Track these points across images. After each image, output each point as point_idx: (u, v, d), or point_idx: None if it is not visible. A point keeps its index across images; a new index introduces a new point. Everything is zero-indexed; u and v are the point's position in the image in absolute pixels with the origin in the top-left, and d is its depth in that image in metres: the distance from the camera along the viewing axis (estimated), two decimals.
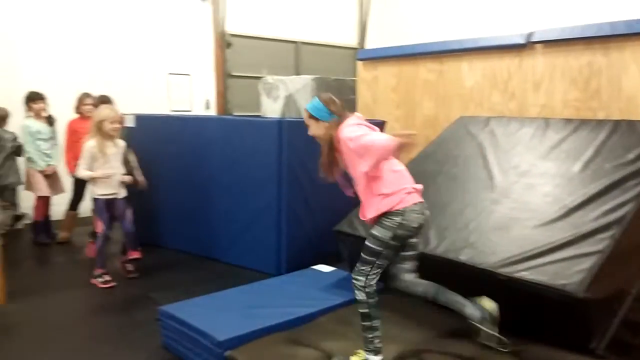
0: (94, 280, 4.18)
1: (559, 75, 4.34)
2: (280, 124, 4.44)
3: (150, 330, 3.22)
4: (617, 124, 3.54)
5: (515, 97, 4.65)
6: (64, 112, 5.29)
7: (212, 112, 7.44)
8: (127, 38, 6.67)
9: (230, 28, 7.50)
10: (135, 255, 4.40)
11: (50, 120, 5.34)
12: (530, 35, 4.50)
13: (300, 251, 4.46)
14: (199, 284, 3.99)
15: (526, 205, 3.17)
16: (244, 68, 7.64)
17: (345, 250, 3.78)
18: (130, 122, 5.21)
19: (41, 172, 5.18)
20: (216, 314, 3.00)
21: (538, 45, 4.47)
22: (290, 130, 4.41)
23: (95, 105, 4.93)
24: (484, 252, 2.92)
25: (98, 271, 4.18)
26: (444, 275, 2.70)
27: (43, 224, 5.35)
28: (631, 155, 3.17)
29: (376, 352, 2.52)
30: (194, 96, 7.29)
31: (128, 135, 4.65)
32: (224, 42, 7.41)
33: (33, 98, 5.20)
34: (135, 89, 4.99)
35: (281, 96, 6.31)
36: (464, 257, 2.97)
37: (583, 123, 3.75)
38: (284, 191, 4.42)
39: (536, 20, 6.31)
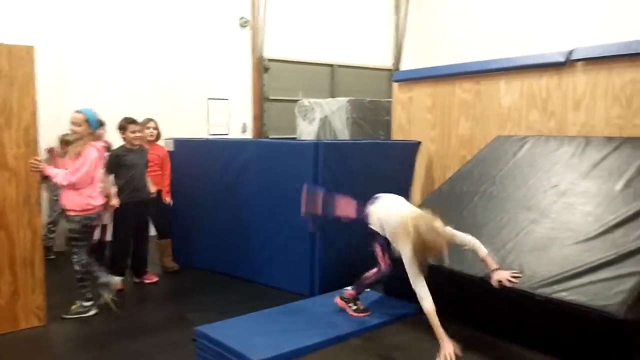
0: None
1: (600, 93, 4.24)
2: (316, 146, 4.48)
3: (186, 351, 3.25)
4: None
5: (554, 115, 4.56)
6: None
7: (249, 135, 7.58)
8: (169, 64, 6.91)
9: (268, 53, 7.67)
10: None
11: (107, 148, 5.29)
12: (570, 53, 4.43)
13: (334, 272, 4.44)
14: (234, 305, 4.03)
15: (565, 225, 3.08)
16: (280, 92, 7.78)
17: None
18: (169, 146, 5.37)
19: None
20: (251, 334, 3.01)
21: (578, 63, 4.40)
22: (326, 152, 4.44)
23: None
24: (522, 273, 2.84)
25: None
26: (482, 295, 2.64)
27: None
28: None
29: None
30: (232, 120, 7.46)
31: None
32: (262, 67, 7.58)
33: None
34: (175, 113, 5.15)
35: (317, 118, 6.41)
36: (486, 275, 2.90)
37: (625, 141, 3.65)
38: None
39: (575, 38, 6.19)
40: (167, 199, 5.10)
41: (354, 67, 8.55)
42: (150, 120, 5.14)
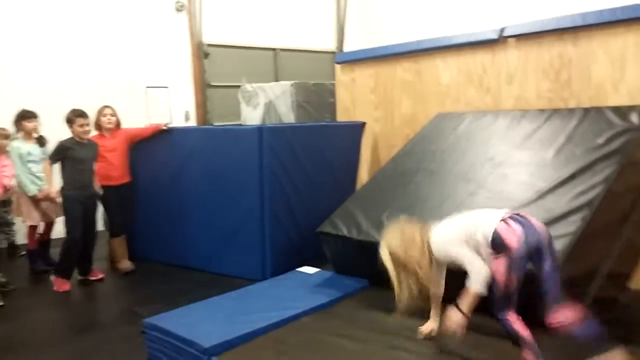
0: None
1: (531, 67, 4.41)
2: (260, 130, 4.46)
3: (136, 344, 3.20)
4: (587, 112, 3.63)
5: (490, 91, 4.71)
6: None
7: (192, 123, 7.44)
8: (102, 52, 6.66)
9: (207, 38, 7.52)
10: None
11: (41, 141, 4.90)
12: (502, 30, 4.57)
13: (285, 255, 4.47)
14: (184, 295, 3.98)
15: (501, 194, 3.23)
16: (222, 78, 7.66)
17: (328, 250, 3.81)
18: None
19: (32, 197, 4.72)
20: (201, 321, 2.99)
21: (510, 40, 4.55)
22: (271, 137, 4.43)
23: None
24: None
25: None
26: None
27: (39, 251, 5.03)
28: (600, 140, 3.25)
29: None
30: (173, 108, 7.29)
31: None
32: (202, 53, 7.43)
33: (26, 116, 4.79)
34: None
35: (261, 103, 6.37)
36: None
37: (555, 112, 3.83)
38: (266, 197, 4.43)
39: (508, 15, 6.39)
40: None
41: (297, 50, 8.51)
42: (106, 107, 4.87)
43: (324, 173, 4.91)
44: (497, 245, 2.27)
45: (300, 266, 4.05)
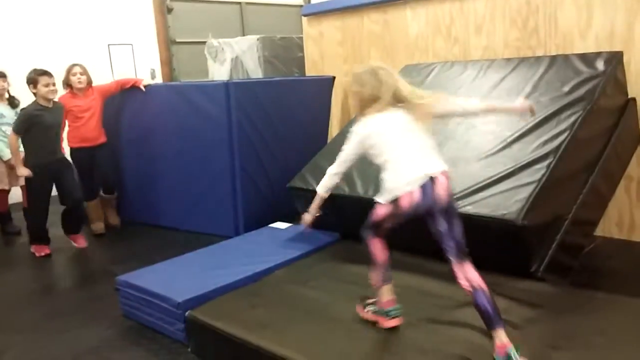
0: None
1: (499, 16, 4.38)
2: (227, 86, 4.37)
3: (110, 302, 3.21)
4: (553, 59, 3.63)
5: (458, 41, 4.68)
6: None
7: (159, 81, 7.25)
8: (63, 10, 6.37)
9: None
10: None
11: (13, 102, 4.71)
12: None
13: (257, 212, 4.48)
14: (158, 253, 3.97)
15: (469, 145, 3.25)
16: (188, 34, 7.43)
17: (300, 205, 3.81)
18: None
19: (7, 162, 4.56)
20: (174, 277, 3.01)
21: None
22: (238, 92, 4.35)
23: None
24: None
25: None
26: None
27: (8, 214, 4.95)
28: (566, 88, 3.27)
29: None
30: (138, 66, 7.07)
31: None
32: (165, 8, 7.17)
33: None
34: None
35: (227, 59, 6.22)
36: None
37: (522, 61, 3.83)
38: (236, 154, 4.39)
39: None
40: None
41: (263, 4, 8.28)
42: (75, 65, 4.57)
43: (295, 128, 4.86)
44: (392, 197, 2.23)
45: (274, 222, 4.07)
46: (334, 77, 5.40)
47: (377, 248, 2.36)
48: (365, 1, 5.28)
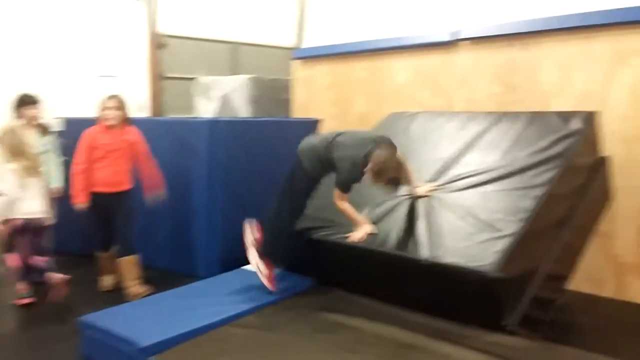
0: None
1: (482, 71, 4.49)
2: (211, 123, 4.39)
3: (70, 344, 3.08)
4: (532, 116, 3.72)
5: (443, 93, 4.78)
6: None
7: (146, 114, 7.26)
8: (56, 39, 6.42)
9: (165, 28, 7.34)
10: None
11: (45, 129, 4.44)
12: (455, 32, 4.64)
13: (234, 252, 4.40)
14: (125, 293, 3.87)
15: (448, 195, 3.26)
16: (179, 69, 7.50)
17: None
18: (60, 126, 5.00)
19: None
20: (140, 319, 2.90)
21: (463, 42, 4.62)
22: (223, 130, 4.37)
23: None
24: (413, 242, 3.01)
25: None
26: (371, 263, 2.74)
27: None
28: (543, 145, 3.34)
29: None
30: (127, 99, 7.07)
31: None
32: (158, 43, 7.25)
33: (26, 102, 4.31)
34: (65, 91, 4.72)
35: (216, 96, 6.25)
36: (388, 247, 3.04)
37: (503, 116, 3.91)
38: (216, 192, 4.37)
39: (465, 17, 6.47)
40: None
41: (256, 45, 8.41)
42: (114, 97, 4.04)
43: (278, 169, 4.82)
44: None
45: (249, 263, 4.00)
46: (319, 120, 5.45)
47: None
48: (355, 49, 5.41)
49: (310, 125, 5.36)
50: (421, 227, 3.09)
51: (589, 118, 3.48)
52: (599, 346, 2.72)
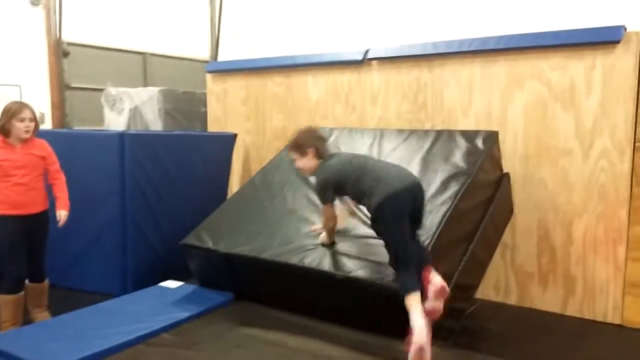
0: None
1: (392, 89, 4.71)
2: (122, 137, 4.23)
3: None
4: (439, 134, 3.95)
5: (355, 109, 4.95)
6: None
7: (48, 126, 6.83)
8: None
9: (68, 36, 6.97)
10: None
11: None
12: (366, 52, 4.83)
13: (148, 268, 4.27)
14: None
15: (363, 210, 3.38)
16: (85, 79, 7.13)
17: (193, 263, 3.70)
18: None
19: None
20: (47, 341, 2.75)
21: (374, 62, 4.82)
22: (134, 144, 4.22)
23: None
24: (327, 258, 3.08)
25: None
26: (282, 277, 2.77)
27: None
28: (449, 161, 3.55)
29: None
30: None
31: None
32: (60, 51, 6.87)
33: None
34: None
35: (126, 109, 6.05)
36: (297, 260, 3.12)
37: (412, 133, 4.12)
38: (128, 207, 4.21)
39: (377, 37, 6.74)
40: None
41: (169, 57, 8.22)
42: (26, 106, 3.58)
43: (193, 184, 4.78)
44: None
45: (165, 280, 3.88)
46: (236, 134, 5.43)
47: None
48: (269, 64, 5.46)
49: (227, 140, 5.33)
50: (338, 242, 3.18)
51: (491, 137, 3.76)
52: (506, 351, 2.96)
